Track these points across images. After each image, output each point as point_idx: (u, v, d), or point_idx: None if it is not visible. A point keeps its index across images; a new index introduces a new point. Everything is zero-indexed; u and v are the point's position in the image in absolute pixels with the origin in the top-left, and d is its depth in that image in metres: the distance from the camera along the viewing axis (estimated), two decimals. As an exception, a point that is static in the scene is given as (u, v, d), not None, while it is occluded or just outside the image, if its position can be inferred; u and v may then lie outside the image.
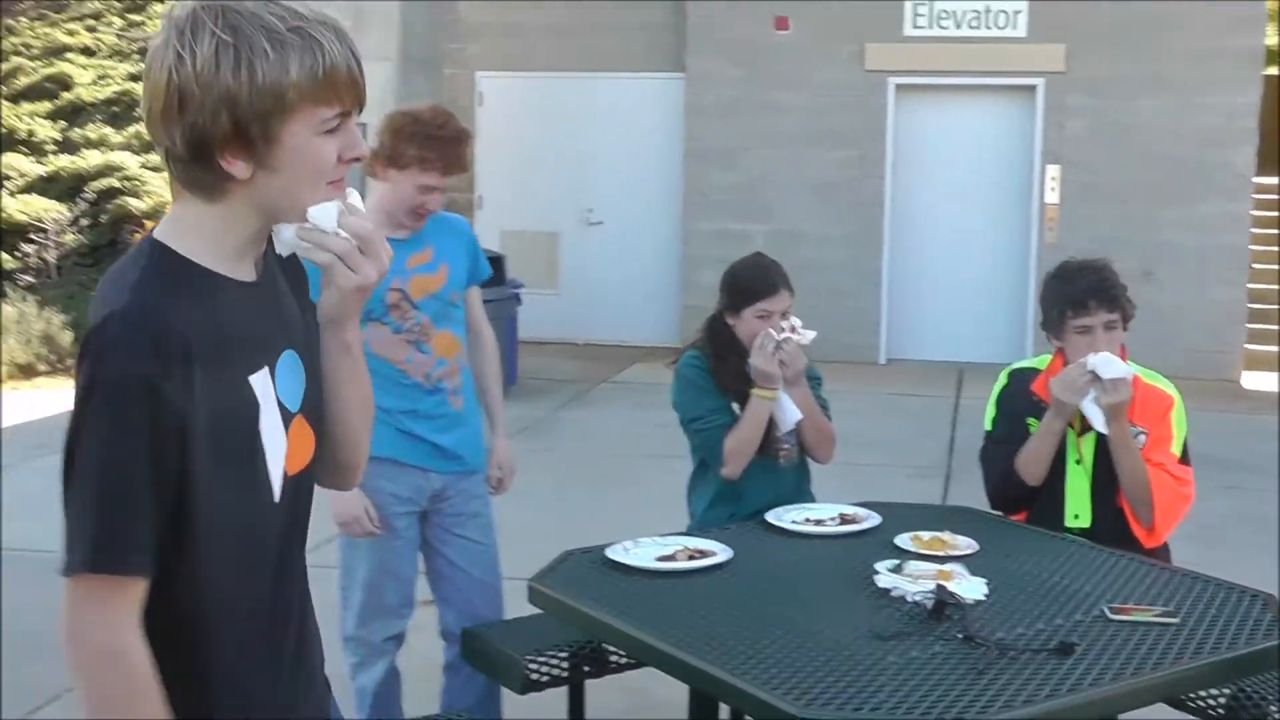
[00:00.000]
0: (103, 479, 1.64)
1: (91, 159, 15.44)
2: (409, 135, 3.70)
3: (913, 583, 3.03)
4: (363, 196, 1.92)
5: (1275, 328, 12.50)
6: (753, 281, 3.97)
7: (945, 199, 12.43)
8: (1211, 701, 3.51)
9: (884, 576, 3.09)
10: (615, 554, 3.29)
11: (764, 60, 12.47)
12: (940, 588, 2.93)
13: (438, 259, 3.87)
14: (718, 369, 3.99)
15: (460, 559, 3.92)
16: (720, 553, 3.29)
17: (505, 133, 13.10)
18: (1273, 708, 3.41)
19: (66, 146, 16.40)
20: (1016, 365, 4.08)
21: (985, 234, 12.39)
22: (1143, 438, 3.77)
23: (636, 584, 3.15)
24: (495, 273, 10.12)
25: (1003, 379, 4.05)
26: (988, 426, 4.01)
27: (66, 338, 12.08)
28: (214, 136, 1.68)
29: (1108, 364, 3.67)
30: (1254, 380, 11.78)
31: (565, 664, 3.66)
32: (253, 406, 1.76)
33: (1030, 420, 3.84)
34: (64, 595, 1.68)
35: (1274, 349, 12.30)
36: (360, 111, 1.78)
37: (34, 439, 8.92)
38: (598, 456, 8.62)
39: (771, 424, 3.90)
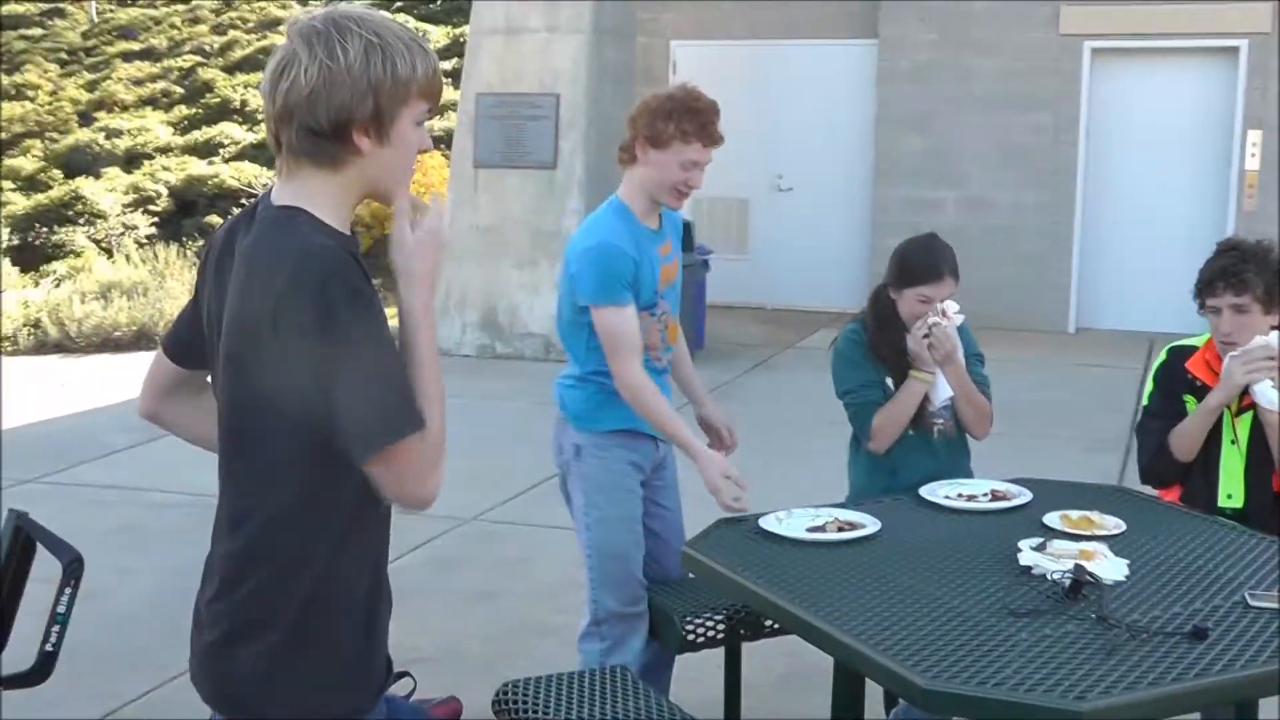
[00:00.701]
0: (392, 367, 2.05)
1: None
2: (666, 112, 3.77)
3: (1054, 561, 3.11)
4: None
5: None
6: (919, 265, 4.02)
7: (1141, 165, 12.19)
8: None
9: (1026, 554, 3.18)
10: (768, 524, 3.43)
11: (957, 24, 12.37)
12: (1078, 567, 3.01)
13: (674, 250, 4.02)
14: (876, 341, 4.07)
15: (658, 526, 4.04)
16: (869, 525, 3.42)
17: (697, 100, 13.21)
18: None
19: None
20: (1176, 343, 4.11)
21: (1181, 201, 12.11)
22: None
23: (786, 553, 3.29)
24: (686, 239, 10.35)
25: (1163, 355, 4.09)
26: (1145, 402, 4.07)
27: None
28: (357, 116, 2.08)
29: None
30: None
31: (721, 626, 3.83)
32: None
33: (1187, 398, 3.88)
34: (391, 467, 2.03)
35: None
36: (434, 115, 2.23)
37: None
38: (778, 421, 8.74)
39: (925, 399, 4.00)
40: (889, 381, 4.05)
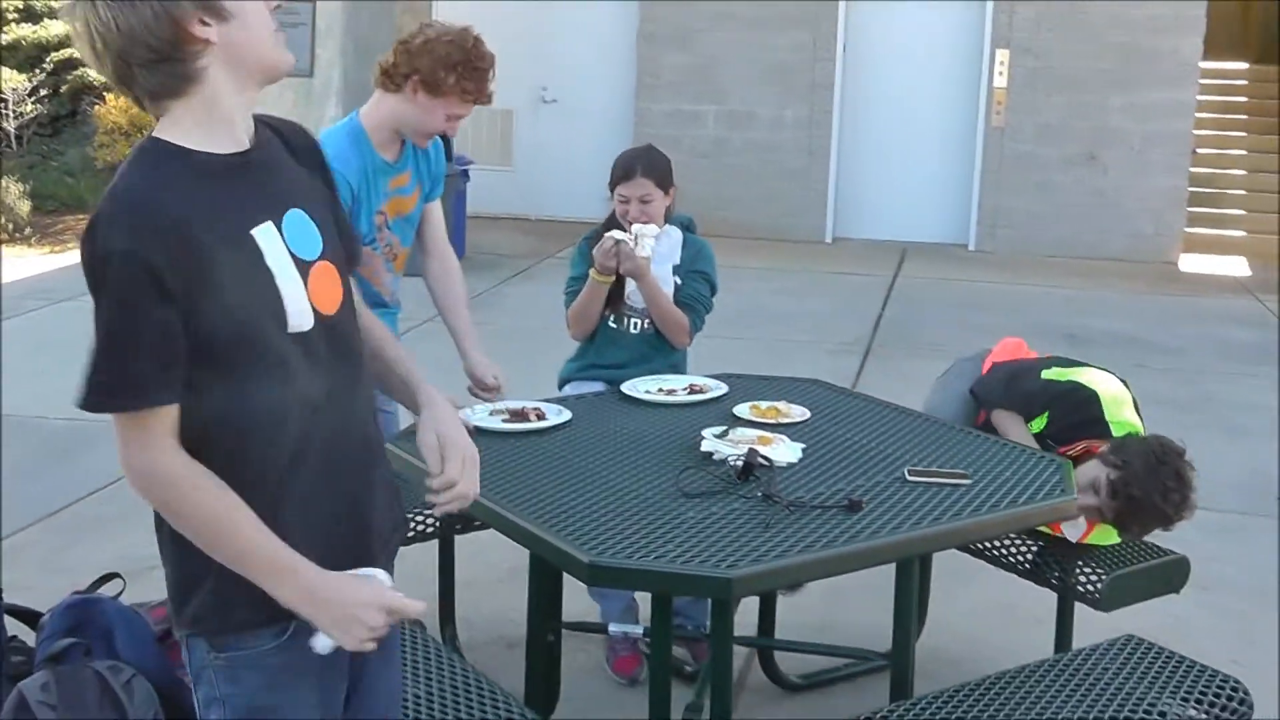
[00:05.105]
0: (104, 337, 1.94)
1: (53, 29, 15.39)
2: (451, 64, 3.70)
3: (733, 447, 3.28)
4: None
5: (1215, 211, 12.79)
6: (616, 166, 4.28)
7: (895, 82, 12.56)
8: (1020, 558, 3.81)
9: (708, 441, 3.34)
10: (464, 415, 3.53)
11: (718, -60, 12.51)
12: (751, 450, 3.18)
13: (414, 181, 3.99)
14: (594, 241, 4.28)
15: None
16: (560, 416, 3.59)
17: (463, 11, 13.11)
18: (1078, 562, 3.71)
19: (28, 15, 16.32)
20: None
21: (934, 117, 12.54)
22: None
23: (482, 445, 3.38)
24: (444, 149, 10.33)
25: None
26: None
27: (25, 207, 12.21)
28: (182, 10, 1.94)
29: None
30: (1191, 263, 12.03)
31: (432, 520, 3.94)
32: (256, 253, 2.01)
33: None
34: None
35: (1213, 232, 12.59)
36: None
37: (-14, 307, 9.13)
38: (533, 328, 8.84)
39: (622, 290, 4.25)
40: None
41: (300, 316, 2.06)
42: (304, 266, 2.08)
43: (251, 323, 2.01)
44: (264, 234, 2.04)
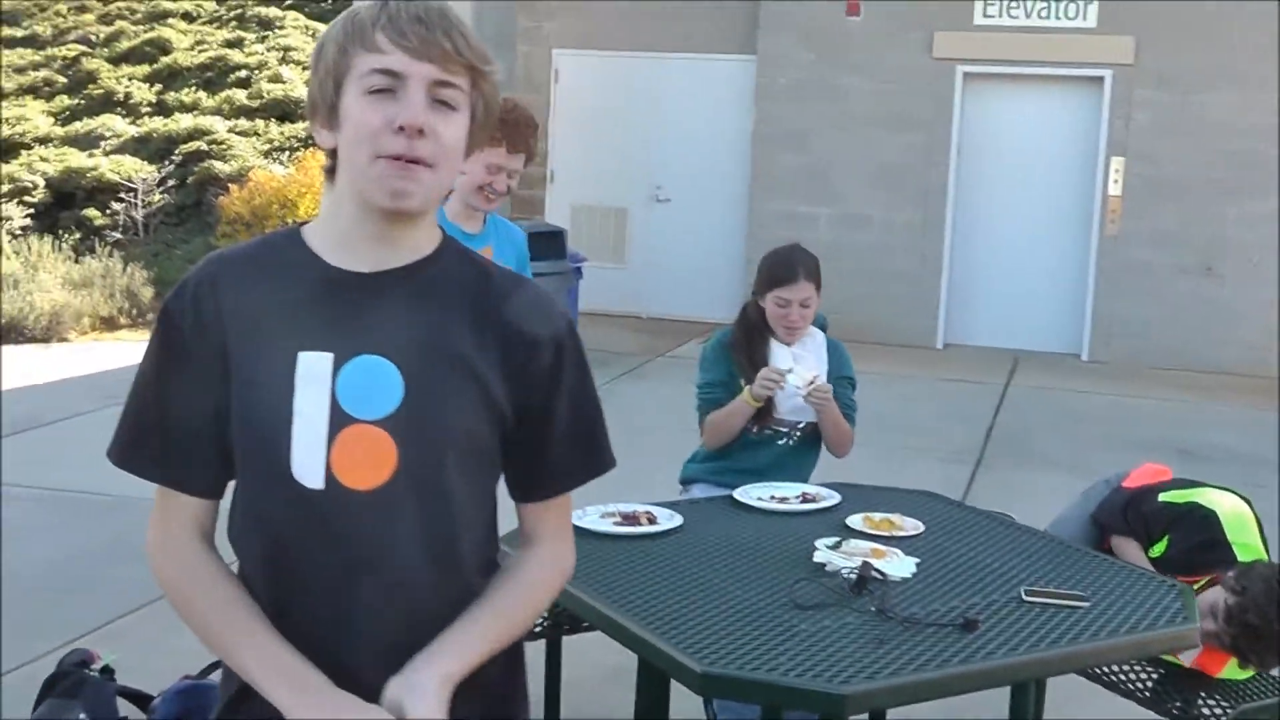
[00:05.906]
0: (132, 391, 1.92)
1: (183, 122, 15.89)
2: None
3: (846, 559, 3.25)
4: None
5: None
6: (775, 268, 4.28)
7: (1009, 187, 12.52)
8: (1139, 685, 3.72)
9: (821, 552, 3.31)
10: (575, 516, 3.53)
11: (834, 44, 12.61)
12: (865, 563, 3.15)
13: (497, 256, 4.09)
14: (737, 346, 4.30)
15: None
16: (670, 522, 3.57)
17: (578, 110, 13.38)
18: (1201, 693, 3.61)
19: (160, 109, 16.88)
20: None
21: (1047, 224, 12.47)
22: None
23: (594, 549, 3.39)
24: (557, 247, 10.46)
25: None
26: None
27: (147, 294, 12.54)
28: (313, 112, 1.87)
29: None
30: (1313, 379, 11.76)
31: (542, 621, 3.93)
32: (290, 379, 1.80)
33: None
34: None
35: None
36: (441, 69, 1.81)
37: (108, 389, 9.34)
38: (644, 427, 8.85)
39: (771, 406, 4.21)
40: (745, 384, 4.24)
41: (304, 470, 1.80)
42: (342, 419, 1.80)
43: (256, 448, 1.83)
44: (311, 362, 1.81)
